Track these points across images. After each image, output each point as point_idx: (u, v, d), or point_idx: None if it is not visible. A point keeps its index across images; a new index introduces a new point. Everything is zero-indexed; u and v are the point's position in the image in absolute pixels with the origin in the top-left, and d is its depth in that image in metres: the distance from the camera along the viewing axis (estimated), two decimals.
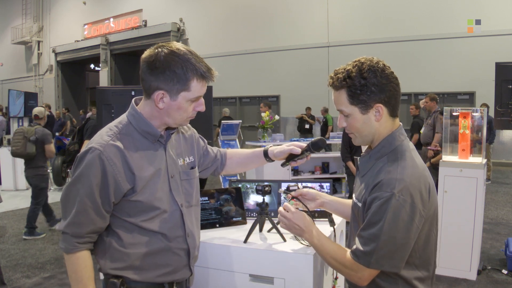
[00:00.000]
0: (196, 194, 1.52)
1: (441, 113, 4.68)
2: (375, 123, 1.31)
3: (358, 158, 1.44)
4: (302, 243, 1.60)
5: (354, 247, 1.28)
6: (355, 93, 1.28)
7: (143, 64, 1.31)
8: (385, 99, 1.28)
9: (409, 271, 1.28)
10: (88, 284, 1.32)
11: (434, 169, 4.69)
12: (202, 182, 2.52)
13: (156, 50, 1.29)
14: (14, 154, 5.11)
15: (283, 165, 1.69)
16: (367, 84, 1.26)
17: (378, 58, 1.31)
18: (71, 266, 1.33)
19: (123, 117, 1.40)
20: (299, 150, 1.61)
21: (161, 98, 1.30)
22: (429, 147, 5.43)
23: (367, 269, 1.25)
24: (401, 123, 1.37)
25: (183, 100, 1.31)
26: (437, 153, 5.15)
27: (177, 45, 1.31)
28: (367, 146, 1.43)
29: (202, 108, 1.39)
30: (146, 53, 1.32)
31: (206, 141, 1.70)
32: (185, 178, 1.47)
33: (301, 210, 1.49)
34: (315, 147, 1.60)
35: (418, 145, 5.95)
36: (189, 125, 1.60)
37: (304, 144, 1.64)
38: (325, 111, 11.53)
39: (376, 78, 1.26)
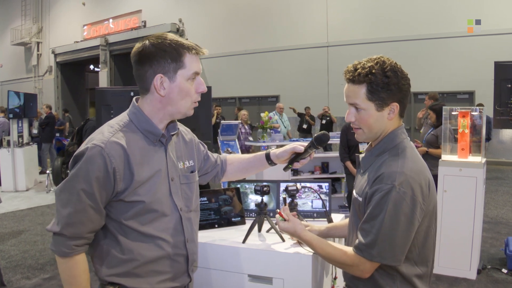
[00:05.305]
0: (195, 199, 1.47)
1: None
2: (387, 121, 1.34)
3: (360, 155, 1.45)
4: (302, 247, 1.60)
5: (357, 241, 1.29)
6: (376, 90, 1.30)
7: (134, 58, 1.32)
8: (400, 99, 1.32)
9: (408, 267, 1.29)
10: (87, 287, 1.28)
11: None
12: (205, 186, 2.46)
13: (142, 42, 1.32)
14: None
15: (285, 169, 1.65)
16: (389, 83, 1.29)
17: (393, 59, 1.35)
18: (67, 270, 1.26)
19: (123, 115, 1.36)
20: (302, 148, 1.59)
21: (161, 83, 1.29)
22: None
23: (369, 261, 1.26)
24: (403, 123, 1.40)
25: (182, 79, 1.30)
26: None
27: (160, 33, 1.35)
28: (366, 146, 1.45)
29: (203, 88, 1.36)
30: (133, 49, 1.33)
31: (206, 146, 1.67)
32: (184, 182, 1.42)
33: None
34: (318, 141, 1.57)
35: None
36: (188, 129, 1.56)
37: (305, 143, 1.61)
38: (329, 109, 11.57)
39: (397, 78, 1.30)
